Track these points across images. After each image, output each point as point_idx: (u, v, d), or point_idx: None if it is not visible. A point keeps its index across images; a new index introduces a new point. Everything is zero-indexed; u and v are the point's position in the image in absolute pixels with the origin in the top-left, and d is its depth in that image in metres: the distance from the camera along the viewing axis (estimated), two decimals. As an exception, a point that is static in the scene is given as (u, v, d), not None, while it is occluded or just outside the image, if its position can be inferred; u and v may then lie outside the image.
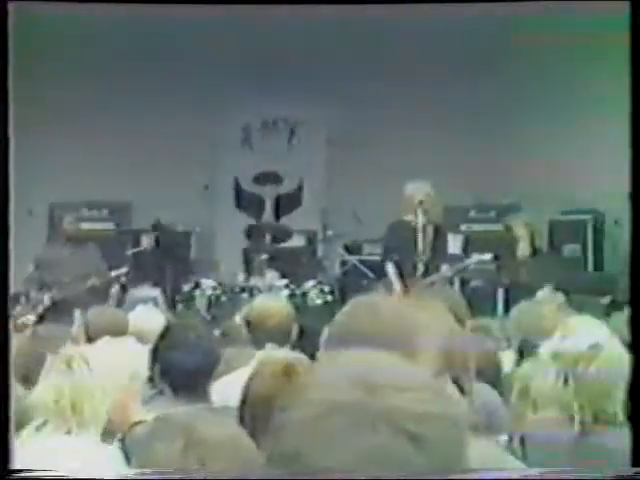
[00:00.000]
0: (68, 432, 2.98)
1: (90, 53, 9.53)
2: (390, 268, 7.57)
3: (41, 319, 7.54)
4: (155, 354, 3.67)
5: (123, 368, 3.12)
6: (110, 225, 9.77)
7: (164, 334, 3.79)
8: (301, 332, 4.56)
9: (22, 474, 2.42)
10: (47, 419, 2.99)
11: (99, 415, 2.98)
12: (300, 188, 10.42)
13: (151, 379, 3.61)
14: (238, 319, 4.96)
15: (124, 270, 8.19)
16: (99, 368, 3.08)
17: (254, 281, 8.67)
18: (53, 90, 9.48)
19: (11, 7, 3.26)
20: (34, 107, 8.54)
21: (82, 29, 9.03)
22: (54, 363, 3.07)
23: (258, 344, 4.30)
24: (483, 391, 3.16)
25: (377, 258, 8.69)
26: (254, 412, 2.60)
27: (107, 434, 3.00)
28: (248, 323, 4.48)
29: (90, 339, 4.56)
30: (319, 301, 8.50)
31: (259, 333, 4.35)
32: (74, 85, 9.66)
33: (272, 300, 4.99)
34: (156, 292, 8.38)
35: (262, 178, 10.41)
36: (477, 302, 6.76)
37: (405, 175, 8.33)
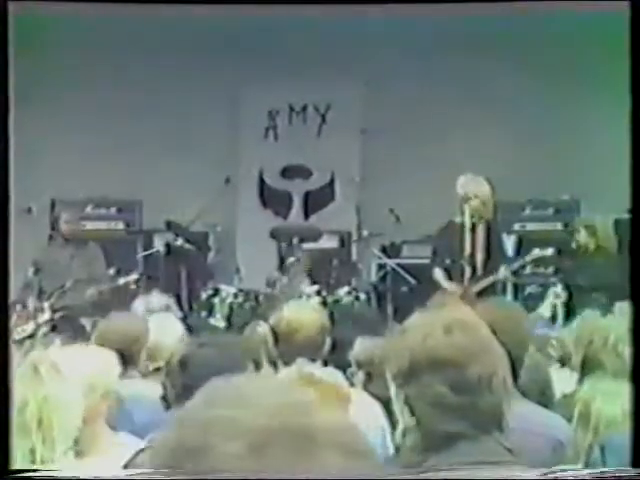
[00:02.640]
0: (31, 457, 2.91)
1: (93, 48, 9.94)
2: (438, 274, 7.98)
3: (40, 330, 7.82)
4: (169, 377, 3.72)
5: (95, 380, 3.17)
6: (118, 225, 10.19)
7: (182, 362, 3.76)
8: (333, 345, 4.73)
9: (22, 474, 2.59)
10: (7, 440, 2.97)
11: (69, 432, 2.95)
12: (331, 182, 10.82)
13: (164, 398, 3.74)
14: (262, 330, 5.02)
15: (134, 277, 8.60)
16: (72, 377, 3.06)
17: (281, 287, 8.99)
18: (55, 83, 9.93)
19: (11, 7, 3.76)
20: (35, 100, 8.95)
21: (82, 29, 9.53)
22: (20, 371, 3.07)
23: (287, 359, 4.46)
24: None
25: (418, 261, 9.23)
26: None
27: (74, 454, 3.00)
28: (276, 335, 4.63)
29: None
30: (354, 310, 8.64)
31: (288, 346, 4.50)
32: (77, 78, 10.10)
33: (304, 309, 5.05)
34: (169, 300, 9.13)
35: (289, 171, 10.88)
36: (533, 311, 6.89)
37: (449, 168, 8.72)
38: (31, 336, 7.53)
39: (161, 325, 5.48)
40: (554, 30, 9.69)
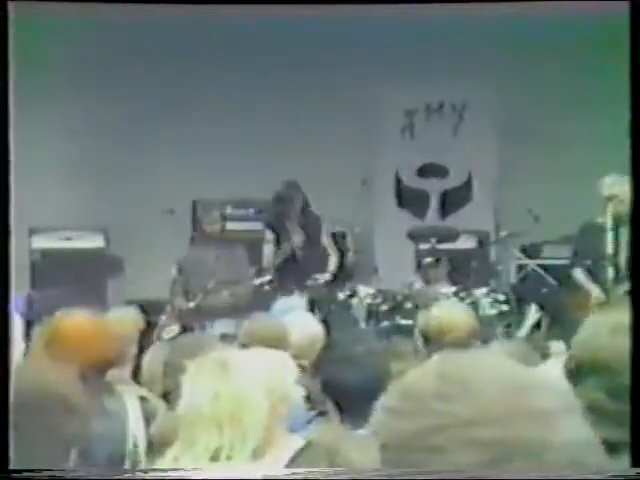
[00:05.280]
0: (216, 454, 2.98)
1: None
2: (579, 274, 8.05)
3: (185, 329, 8.10)
4: (316, 369, 4.01)
5: (274, 383, 3.19)
6: (257, 225, 10.34)
7: (327, 347, 4.14)
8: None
9: (22, 474, 2.66)
10: (196, 435, 3.00)
11: (258, 428, 3.02)
12: (469, 182, 10.96)
13: (308, 398, 3.75)
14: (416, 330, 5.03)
15: (267, 278, 8.86)
16: (256, 375, 3.13)
17: (419, 288, 9.14)
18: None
19: (11, 7, 3.79)
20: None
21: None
22: (204, 367, 3.12)
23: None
24: None
25: (559, 262, 9.38)
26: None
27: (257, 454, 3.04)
28: (425, 335, 4.75)
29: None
30: (492, 311, 8.90)
31: (438, 347, 4.56)
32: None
33: (454, 310, 5.10)
34: (305, 300, 8.85)
35: (426, 171, 11.09)
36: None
37: (589, 167, 8.80)
38: (178, 336, 7.83)
39: (302, 326, 5.67)
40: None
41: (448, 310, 4.99)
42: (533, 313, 7.63)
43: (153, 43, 10.29)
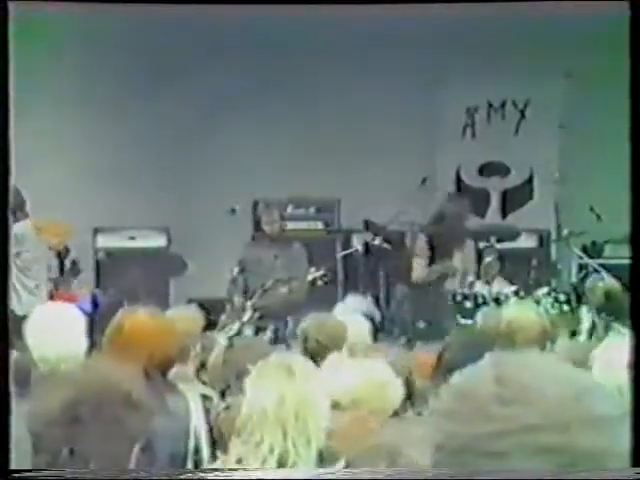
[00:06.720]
0: (284, 454, 3.04)
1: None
2: None
3: (245, 328, 7.91)
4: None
5: (365, 395, 3.29)
6: (318, 224, 10.65)
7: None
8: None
9: (22, 474, 2.66)
10: (262, 434, 3.07)
11: (321, 430, 3.08)
12: (530, 180, 10.98)
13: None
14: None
15: (320, 273, 8.84)
16: (325, 380, 3.26)
17: (478, 288, 9.10)
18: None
19: (11, 7, 3.83)
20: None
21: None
22: (267, 369, 3.20)
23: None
24: None
25: (621, 261, 9.35)
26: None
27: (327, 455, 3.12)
28: (495, 334, 4.70)
29: (306, 349, 5.16)
30: (553, 311, 8.67)
31: (508, 346, 4.49)
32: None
33: (525, 309, 5.15)
34: (367, 300, 9.05)
35: (487, 169, 11.05)
36: None
37: None
38: (237, 334, 7.90)
39: (354, 325, 5.75)
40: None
41: (518, 309, 4.99)
42: (585, 315, 7.63)
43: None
